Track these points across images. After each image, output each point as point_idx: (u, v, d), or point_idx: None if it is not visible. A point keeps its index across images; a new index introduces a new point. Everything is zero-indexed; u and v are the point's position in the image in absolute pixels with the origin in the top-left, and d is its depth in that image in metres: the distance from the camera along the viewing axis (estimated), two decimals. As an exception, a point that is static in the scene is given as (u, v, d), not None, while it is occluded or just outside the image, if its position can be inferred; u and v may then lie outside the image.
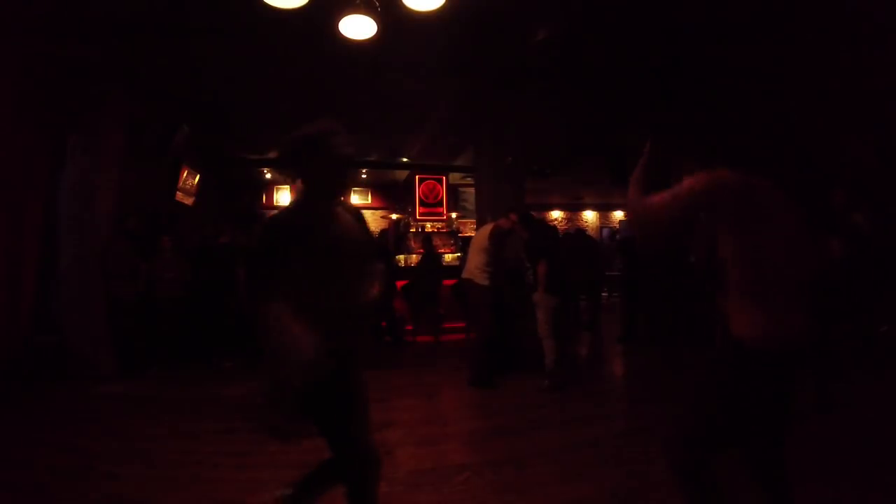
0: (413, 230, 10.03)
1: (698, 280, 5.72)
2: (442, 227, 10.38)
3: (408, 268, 7.77)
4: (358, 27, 3.75)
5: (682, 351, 5.08)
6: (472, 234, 7.97)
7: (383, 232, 7.95)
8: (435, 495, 2.36)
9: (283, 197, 11.44)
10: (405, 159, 9.78)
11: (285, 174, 9.58)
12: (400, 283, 6.64)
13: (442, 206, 10.29)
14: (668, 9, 4.43)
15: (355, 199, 11.29)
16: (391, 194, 11.57)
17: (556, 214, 13.86)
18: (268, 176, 10.77)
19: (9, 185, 4.11)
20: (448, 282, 6.64)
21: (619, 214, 13.94)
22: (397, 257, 8.26)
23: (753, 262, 1.44)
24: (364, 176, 10.95)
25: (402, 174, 10.68)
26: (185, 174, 7.25)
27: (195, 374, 4.99)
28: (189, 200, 7.53)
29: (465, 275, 4.61)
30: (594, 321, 7.13)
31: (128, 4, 4.07)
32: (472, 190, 10.52)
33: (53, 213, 4.91)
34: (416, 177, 10.07)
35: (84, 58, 4.58)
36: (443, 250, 9.15)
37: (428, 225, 10.20)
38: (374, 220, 11.06)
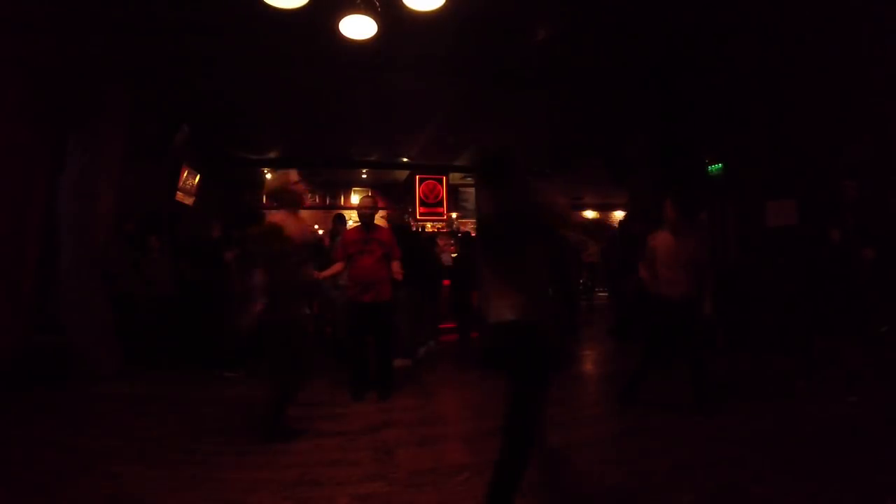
0: (413, 230, 10.03)
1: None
2: (442, 227, 10.38)
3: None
4: (358, 27, 3.75)
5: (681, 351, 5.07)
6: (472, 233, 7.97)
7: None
8: (435, 495, 2.36)
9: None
10: (405, 159, 9.78)
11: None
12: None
13: (442, 206, 10.29)
14: (668, 9, 4.43)
15: (355, 199, 11.29)
16: (391, 194, 11.57)
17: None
18: (268, 176, 10.76)
19: (9, 185, 4.11)
20: (447, 282, 6.62)
21: (619, 214, 13.94)
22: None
23: None
24: (364, 176, 10.94)
25: (402, 174, 10.68)
26: (185, 174, 7.25)
27: (195, 374, 4.98)
28: (189, 200, 7.53)
29: None
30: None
31: (128, 4, 4.07)
32: (472, 190, 10.56)
33: (53, 213, 4.91)
34: (417, 177, 10.07)
35: (84, 57, 4.58)
36: (443, 250, 9.15)
37: (428, 225, 10.20)
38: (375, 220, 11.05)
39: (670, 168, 6.60)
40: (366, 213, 4.10)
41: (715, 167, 6.37)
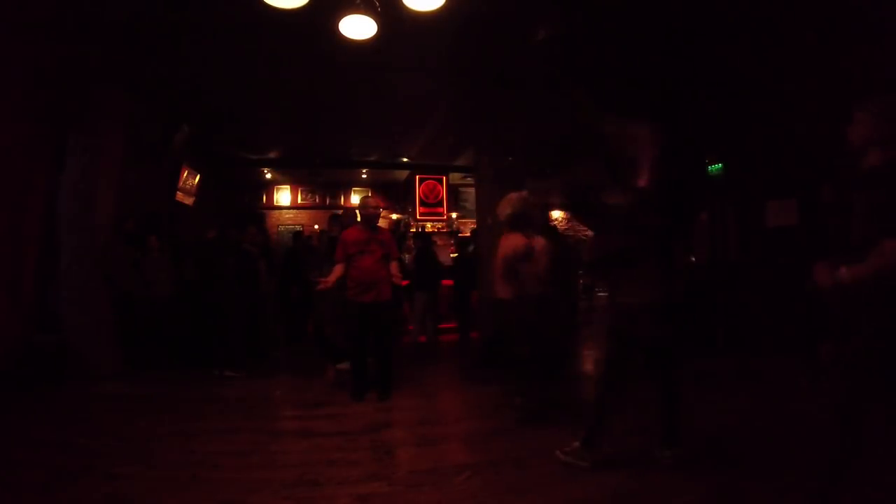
0: (413, 230, 10.04)
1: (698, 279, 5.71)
2: (442, 227, 10.38)
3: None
4: (358, 27, 3.75)
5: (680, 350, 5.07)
6: (468, 234, 7.99)
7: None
8: (435, 495, 2.36)
9: (283, 197, 11.42)
10: (405, 159, 9.78)
11: None
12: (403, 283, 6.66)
13: (442, 206, 10.30)
14: (668, 9, 4.43)
15: (355, 199, 11.29)
16: (391, 194, 11.57)
17: (557, 214, 13.84)
18: (268, 176, 10.76)
19: (9, 185, 4.11)
20: (447, 282, 6.63)
21: (618, 214, 13.92)
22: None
23: None
24: (364, 176, 10.95)
25: (402, 174, 10.68)
26: (185, 174, 7.25)
27: (195, 374, 4.98)
28: (189, 200, 7.53)
29: None
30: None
31: (128, 4, 4.07)
32: (472, 190, 10.52)
33: (53, 213, 4.91)
34: (417, 177, 10.08)
35: (84, 58, 4.58)
36: (443, 250, 9.15)
37: (428, 225, 10.20)
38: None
39: (670, 168, 6.59)
40: (375, 215, 4.14)
41: (715, 167, 6.37)
